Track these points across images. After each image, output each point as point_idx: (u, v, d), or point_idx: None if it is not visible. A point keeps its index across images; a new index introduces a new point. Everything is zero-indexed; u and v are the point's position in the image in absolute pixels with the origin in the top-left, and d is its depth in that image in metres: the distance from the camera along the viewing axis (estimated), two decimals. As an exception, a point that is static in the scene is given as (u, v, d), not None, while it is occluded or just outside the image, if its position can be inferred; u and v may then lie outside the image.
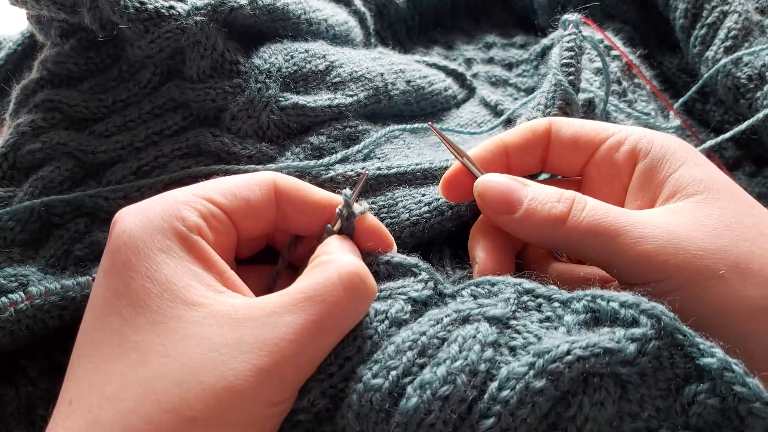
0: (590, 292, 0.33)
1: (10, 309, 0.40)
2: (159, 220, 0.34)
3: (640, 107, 0.63)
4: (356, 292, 0.33)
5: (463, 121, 0.66)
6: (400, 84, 0.60)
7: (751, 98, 0.61)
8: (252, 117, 0.53)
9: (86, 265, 0.48)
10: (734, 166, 0.67)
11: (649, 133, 0.41)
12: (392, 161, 0.53)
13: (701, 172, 0.38)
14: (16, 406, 0.43)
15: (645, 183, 0.39)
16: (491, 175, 0.40)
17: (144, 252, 0.33)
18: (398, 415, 0.30)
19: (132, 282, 0.32)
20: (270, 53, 0.55)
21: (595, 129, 0.42)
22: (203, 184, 0.37)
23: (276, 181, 0.38)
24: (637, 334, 0.30)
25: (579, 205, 0.37)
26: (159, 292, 0.31)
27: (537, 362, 0.30)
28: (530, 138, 0.42)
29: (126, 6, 0.49)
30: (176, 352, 0.30)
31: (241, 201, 0.36)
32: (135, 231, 0.33)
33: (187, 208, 0.34)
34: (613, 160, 0.40)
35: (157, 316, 0.31)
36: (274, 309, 0.31)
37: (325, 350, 0.32)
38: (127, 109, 0.54)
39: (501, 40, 0.86)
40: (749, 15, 0.65)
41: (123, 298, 0.32)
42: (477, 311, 0.33)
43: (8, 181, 0.52)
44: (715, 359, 0.29)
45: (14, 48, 0.69)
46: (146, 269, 0.32)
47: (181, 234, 0.33)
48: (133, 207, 0.35)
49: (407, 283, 0.37)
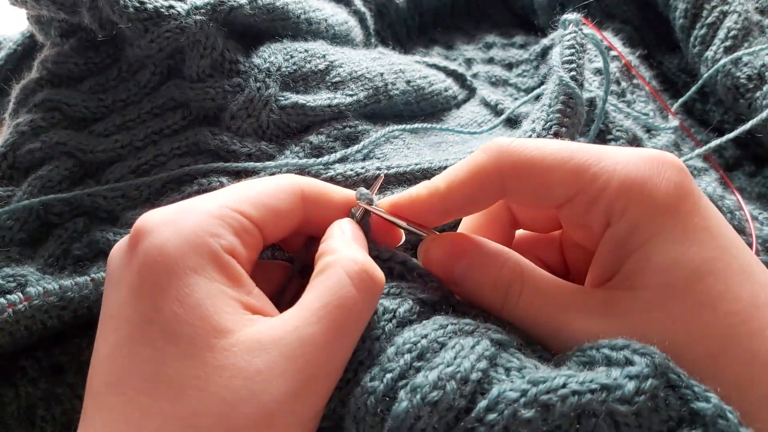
0: (577, 347, 0.31)
1: (9, 310, 0.40)
2: (193, 236, 0.31)
3: (639, 107, 0.63)
4: (367, 288, 0.32)
5: (463, 122, 0.66)
6: (400, 84, 0.60)
7: (751, 98, 0.61)
8: (252, 116, 0.53)
9: (85, 265, 0.48)
10: (734, 166, 0.67)
11: (630, 184, 0.32)
12: (392, 161, 0.53)
13: (666, 253, 0.31)
14: (16, 407, 0.43)
15: (612, 250, 0.33)
16: (435, 240, 0.37)
17: (177, 273, 0.31)
18: (390, 420, 0.29)
19: (163, 306, 0.30)
20: (270, 53, 0.55)
21: (569, 173, 0.33)
22: (234, 193, 0.35)
23: (302, 188, 0.37)
24: (634, 372, 0.29)
25: (512, 298, 0.34)
26: (191, 319, 0.30)
27: (530, 390, 0.28)
28: (475, 187, 0.35)
29: (125, 5, 0.49)
30: (212, 385, 0.29)
31: (271, 212, 0.35)
32: (168, 248, 0.31)
33: (222, 225, 0.33)
34: (584, 217, 0.34)
35: (188, 347, 0.30)
36: (297, 324, 0.31)
37: (350, 352, 0.32)
38: (127, 109, 0.54)
39: (501, 40, 0.86)
40: (749, 15, 0.65)
41: (153, 324, 0.30)
42: (483, 329, 0.33)
43: (7, 180, 0.52)
44: (710, 405, 0.28)
45: (14, 48, 0.69)
46: (178, 293, 0.30)
47: (215, 254, 0.32)
48: (161, 217, 0.33)
49: (419, 285, 0.36)
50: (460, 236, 0.38)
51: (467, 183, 0.35)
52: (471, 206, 0.37)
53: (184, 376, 0.29)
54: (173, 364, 0.30)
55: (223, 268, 0.32)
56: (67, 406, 0.43)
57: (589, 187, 0.33)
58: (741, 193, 0.61)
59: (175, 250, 0.31)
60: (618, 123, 0.57)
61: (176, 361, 0.30)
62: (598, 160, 0.33)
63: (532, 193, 0.34)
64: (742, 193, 0.62)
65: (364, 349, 0.33)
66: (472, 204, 0.36)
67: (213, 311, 0.30)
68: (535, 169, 0.33)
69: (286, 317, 0.31)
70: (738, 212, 0.53)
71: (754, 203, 0.60)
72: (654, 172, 0.32)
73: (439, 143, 0.60)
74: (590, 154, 0.33)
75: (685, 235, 0.32)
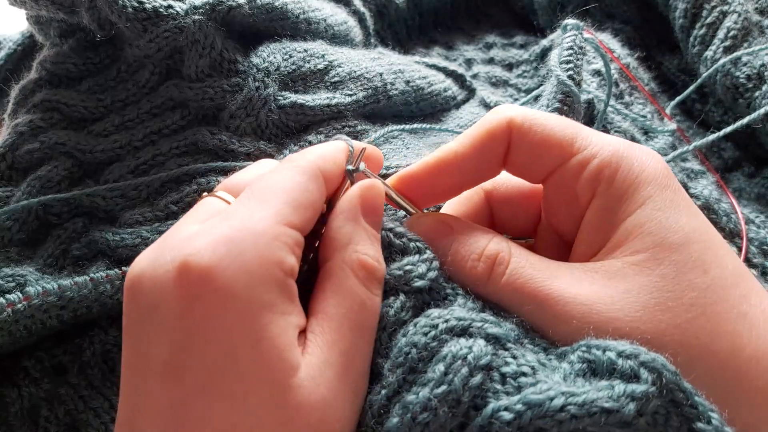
0: (584, 342, 0.30)
1: (8, 310, 0.40)
2: (260, 270, 0.29)
3: (637, 109, 0.63)
4: (372, 282, 0.33)
5: (462, 122, 0.66)
6: (400, 84, 0.60)
7: (750, 98, 0.61)
8: (250, 115, 0.53)
9: (84, 265, 0.48)
10: (734, 167, 0.67)
11: (620, 156, 0.34)
12: (390, 161, 0.53)
13: (658, 219, 0.32)
14: (19, 407, 0.43)
15: (598, 223, 0.34)
16: (421, 217, 0.37)
17: (250, 316, 0.28)
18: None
19: (241, 355, 0.28)
20: (269, 52, 0.55)
21: (567, 138, 0.35)
22: (276, 202, 0.32)
23: (321, 169, 0.35)
24: (638, 392, 0.27)
25: (499, 267, 0.34)
26: (270, 362, 0.28)
27: (525, 414, 0.27)
28: (486, 144, 0.36)
29: (124, 5, 0.49)
30: (294, 428, 0.28)
31: (309, 210, 0.33)
32: (237, 290, 0.28)
33: (282, 247, 0.30)
34: (572, 186, 0.35)
35: (270, 393, 0.28)
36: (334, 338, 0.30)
37: (372, 347, 0.32)
38: (126, 109, 0.54)
39: (501, 40, 0.86)
40: (749, 15, 0.65)
41: (228, 374, 0.28)
42: (479, 324, 0.31)
43: (6, 180, 0.52)
44: (710, 427, 0.28)
45: (14, 48, 0.69)
46: (253, 338, 0.28)
47: (283, 284, 0.30)
48: (213, 250, 0.29)
49: (409, 267, 0.34)
50: (446, 215, 0.38)
51: (478, 138, 0.36)
52: (483, 164, 0.37)
53: (269, 424, 0.28)
54: (257, 412, 0.28)
55: (289, 295, 0.30)
56: (70, 406, 0.43)
57: (581, 152, 0.34)
58: (740, 194, 0.61)
59: (244, 290, 0.28)
60: (616, 124, 0.57)
61: (259, 409, 0.28)
62: (595, 135, 0.35)
63: (532, 152, 0.35)
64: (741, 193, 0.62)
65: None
66: (485, 161, 0.37)
67: (287, 348, 0.28)
68: (537, 127, 0.35)
69: (321, 331, 0.31)
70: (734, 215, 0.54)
71: (753, 204, 0.60)
72: (642, 153, 0.34)
73: (438, 144, 0.60)
74: (586, 129, 0.36)
75: (675, 204, 0.33)
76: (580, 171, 0.34)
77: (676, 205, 0.33)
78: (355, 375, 0.31)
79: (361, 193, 0.35)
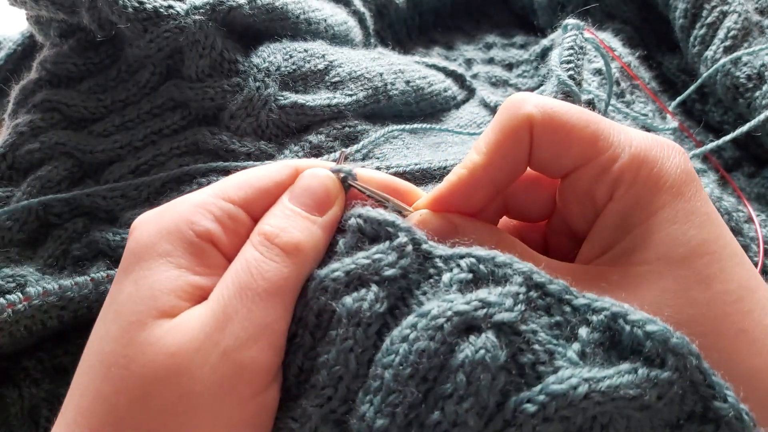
0: (610, 307, 0.29)
1: (8, 310, 0.40)
2: (169, 225, 0.33)
3: (638, 108, 0.63)
4: (267, 246, 0.33)
5: (462, 122, 0.66)
6: (400, 84, 0.60)
7: (750, 98, 0.61)
8: (251, 115, 0.53)
9: (84, 265, 0.48)
10: (734, 167, 0.67)
11: (641, 160, 0.33)
12: (391, 161, 0.53)
13: (666, 231, 0.32)
14: (19, 408, 0.43)
15: (612, 226, 0.34)
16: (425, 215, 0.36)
17: (143, 257, 0.32)
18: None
19: (123, 288, 0.32)
20: (269, 52, 0.55)
21: (589, 136, 0.34)
22: (223, 181, 0.35)
23: (296, 165, 0.36)
24: (662, 379, 0.28)
25: None
26: (139, 299, 0.31)
27: (550, 405, 0.27)
28: (510, 150, 0.35)
29: (124, 5, 0.49)
30: (135, 364, 0.29)
31: (258, 191, 0.35)
32: (144, 236, 0.33)
33: (200, 212, 0.33)
34: (590, 187, 0.34)
35: (126, 326, 0.30)
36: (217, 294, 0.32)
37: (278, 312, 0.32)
38: (126, 109, 0.54)
39: (501, 40, 0.86)
40: (749, 15, 0.65)
41: (112, 305, 0.32)
42: (482, 313, 0.29)
43: (6, 181, 0.52)
44: (727, 405, 0.28)
45: (14, 48, 0.69)
46: (137, 275, 0.31)
47: (187, 240, 0.32)
48: (151, 213, 0.34)
49: (378, 255, 0.32)
50: (450, 214, 0.37)
51: (501, 145, 0.35)
52: (510, 168, 0.36)
53: (114, 354, 0.30)
54: (110, 342, 0.30)
55: (196, 253, 0.32)
56: (69, 406, 0.43)
57: (603, 154, 0.33)
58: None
59: (148, 238, 0.32)
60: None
61: (113, 340, 0.30)
62: (617, 132, 0.34)
63: (552, 151, 0.34)
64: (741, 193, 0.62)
65: (339, 361, 0.30)
66: (511, 165, 0.35)
67: (165, 293, 0.31)
68: (557, 123, 0.34)
69: (212, 294, 0.32)
70: (735, 214, 0.54)
71: (753, 204, 0.60)
72: (663, 154, 0.34)
73: (438, 143, 0.60)
74: (608, 125, 0.35)
75: (686, 216, 0.33)
76: (601, 174, 0.34)
77: (687, 216, 0.33)
78: (234, 333, 0.30)
79: (297, 180, 0.36)
